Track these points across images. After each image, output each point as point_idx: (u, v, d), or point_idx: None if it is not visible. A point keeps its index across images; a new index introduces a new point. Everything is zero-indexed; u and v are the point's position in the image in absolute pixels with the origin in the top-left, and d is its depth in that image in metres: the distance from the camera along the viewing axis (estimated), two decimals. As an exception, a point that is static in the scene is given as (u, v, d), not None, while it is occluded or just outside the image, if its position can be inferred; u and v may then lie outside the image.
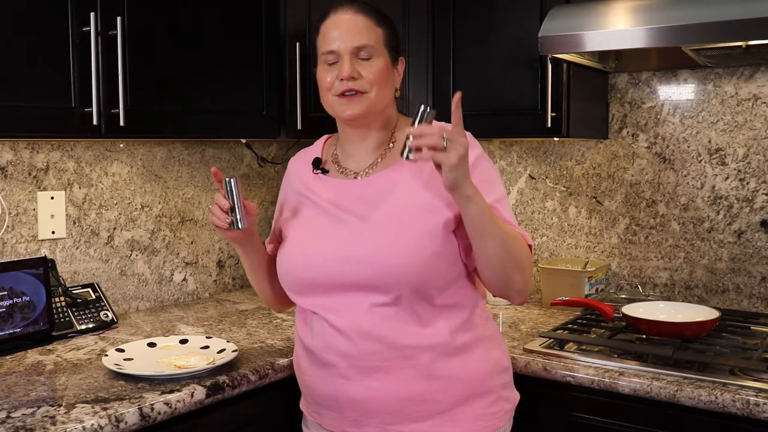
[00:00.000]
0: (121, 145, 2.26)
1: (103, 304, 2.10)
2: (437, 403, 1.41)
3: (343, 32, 1.45)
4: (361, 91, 1.45)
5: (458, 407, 1.43)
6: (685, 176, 2.27)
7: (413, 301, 1.40)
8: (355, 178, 1.51)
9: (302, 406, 1.60)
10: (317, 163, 1.56)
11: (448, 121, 1.58)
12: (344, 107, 1.47)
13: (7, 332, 1.83)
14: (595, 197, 2.43)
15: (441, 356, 1.41)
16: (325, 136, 1.65)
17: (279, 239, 1.60)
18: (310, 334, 1.48)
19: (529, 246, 1.44)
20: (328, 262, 1.43)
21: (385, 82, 1.48)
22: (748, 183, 2.18)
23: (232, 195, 1.45)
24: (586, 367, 1.71)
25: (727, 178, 2.21)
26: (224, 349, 1.75)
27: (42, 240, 2.08)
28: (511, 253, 1.37)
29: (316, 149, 1.61)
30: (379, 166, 1.50)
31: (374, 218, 1.43)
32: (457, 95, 1.29)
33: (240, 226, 1.46)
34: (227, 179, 1.45)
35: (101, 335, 2.00)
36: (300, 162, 1.62)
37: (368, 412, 1.43)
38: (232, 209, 1.45)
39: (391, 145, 1.52)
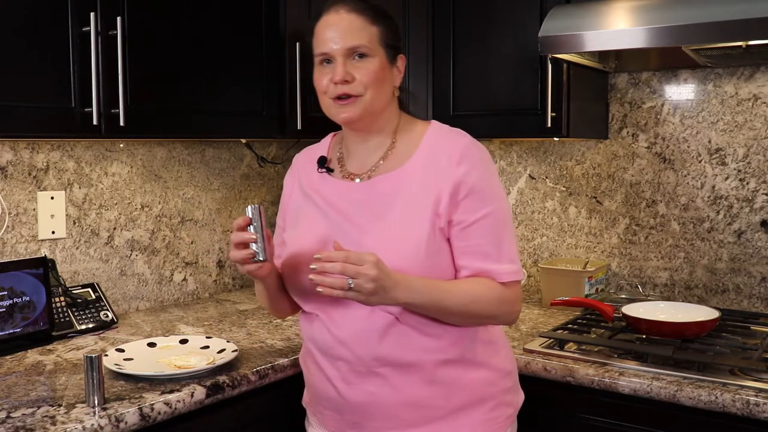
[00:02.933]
0: (121, 145, 2.26)
1: (103, 304, 2.10)
2: (437, 409, 1.41)
3: (336, 33, 1.42)
4: (355, 95, 1.43)
5: (457, 413, 1.42)
6: (685, 176, 2.27)
7: (411, 310, 1.39)
8: (357, 180, 1.49)
9: (305, 403, 1.60)
10: (322, 162, 1.55)
11: (447, 124, 1.58)
12: (339, 111, 1.44)
13: (7, 332, 1.83)
14: (595, 197, 2.43)
15: (441, 363, 1.41)
16: (332, 134, 1.63)
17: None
18: (313, 335, 1.49)
19: (514, 282, 1.42)
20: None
21: (381, 83, 1.44)
22: (748, 183, 2.18)
23: (257, 224, 1.36)
24: (586, 367, 1.71)
25: (727, 178, 2.21)
26: (224, 349, 1.75)
27: (42, 240, 2.08)
28: (470, 316, 1.41)
29: (322, 147, 1.60)
30: (381, 168, 1.48)
31: (370, 226, 1.42)
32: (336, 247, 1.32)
33: (261, 257, 1.37)
34: (250, 206, 1.36)
35: (101, 335, 2.00)
36: (306, 159, 1.60)
37: (367, 416, 1.43)
38: (256, 240, 1.36)
39: (393, 146, 1.49)
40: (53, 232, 2.10)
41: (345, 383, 1.43)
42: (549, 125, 2.05)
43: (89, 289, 2.11)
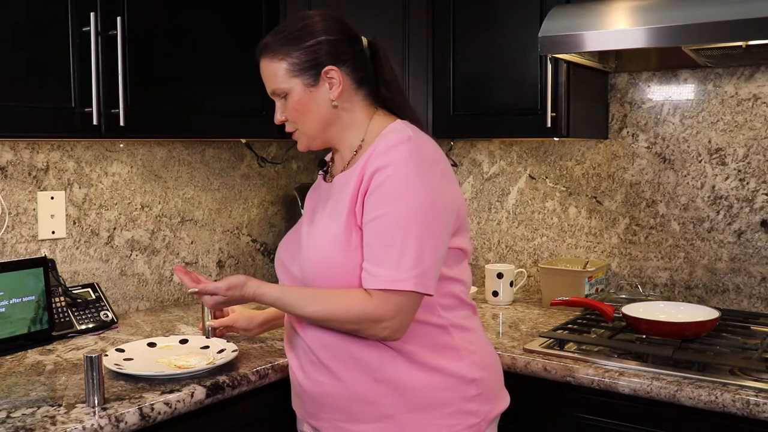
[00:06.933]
0: (121, 145, 2.26)
1: (103, 304, 2.10)
2: (386, 406, 1.41)
3: (264, 80, 1.51)
4: (294, 130, 1.52)
5: (410, 413, 1.41)
6: (685, 176, 2.27)
7: None
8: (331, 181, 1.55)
9: None
10: (322, 164, 1.63)
11: (447, 124, 1.58)
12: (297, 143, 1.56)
13: (7, 332, 1.83)
14: (595, 197, 2.43)
15: (389, 360, 1.41)
16: None
17: None
18: (286, 326, 1.59)
19: (384, 291, 1.33)
20: (286, 263, 1.54)
21: (304, 112, 1.47)
22: (748, 183, 2.18)
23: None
24: (586, 367, 1.71)
25: (727, 178, 2.21)
26: (224, 349, 1.75)
27: (42, 240, 2.08)
28: (332, 328, 1.41)
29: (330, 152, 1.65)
30: (345, 169, 1.51)
31: (313, 226, 1.49)
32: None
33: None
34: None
35: (101, 335, 2.00)
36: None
37: (321, 407, 1.49)
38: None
39: (360, 148, 1.50)
40: (53, 232, 2.10)
41: (302, 372, 1.51)
42: (549, 125, 2.06)
43: (89, 289, 2.11)
